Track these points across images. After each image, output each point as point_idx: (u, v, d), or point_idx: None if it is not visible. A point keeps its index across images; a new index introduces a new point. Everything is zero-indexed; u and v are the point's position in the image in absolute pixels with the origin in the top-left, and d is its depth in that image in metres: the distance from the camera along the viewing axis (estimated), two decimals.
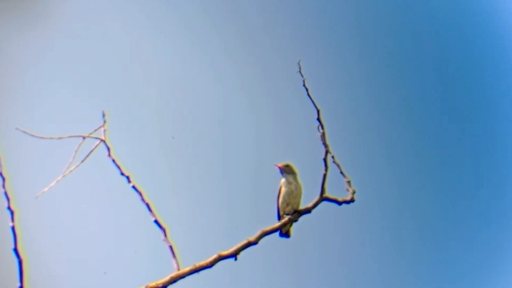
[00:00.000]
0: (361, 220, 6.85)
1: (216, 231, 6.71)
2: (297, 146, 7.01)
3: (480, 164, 7.32)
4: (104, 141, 5.59)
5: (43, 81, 6.88)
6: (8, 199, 4.74)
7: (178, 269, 5.31)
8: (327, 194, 5.72)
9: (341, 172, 5.76)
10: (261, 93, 7.33)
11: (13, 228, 4.74)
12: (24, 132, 5.52)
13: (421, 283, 6.92)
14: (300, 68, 5.69)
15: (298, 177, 5.92)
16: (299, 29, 7.50)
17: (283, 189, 5.87)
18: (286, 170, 5.91)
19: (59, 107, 6.79)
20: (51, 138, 5.57)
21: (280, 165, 5.91)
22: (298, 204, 5.84)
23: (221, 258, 5.39)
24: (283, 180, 5.91)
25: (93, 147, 5.59)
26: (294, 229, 5.97)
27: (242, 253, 5.47)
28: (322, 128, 5.71)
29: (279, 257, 6.61)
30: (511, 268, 7.06)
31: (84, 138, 5.58)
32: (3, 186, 4.73)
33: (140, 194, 5.51)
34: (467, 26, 7.61)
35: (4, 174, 4.74)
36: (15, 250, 4.74)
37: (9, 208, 4.75)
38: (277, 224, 5.77)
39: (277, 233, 5.82)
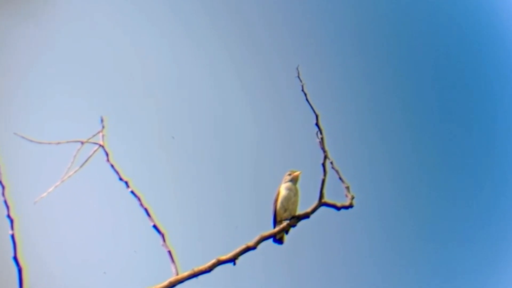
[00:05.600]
0: (360, 225, 6.86)
1: (215, 236, 6.72)
2: (295, 150, 7.02)
3: (480, 167, 7.34)
4: (102, 146, 5.58)
5: (41, 87, 6.86)
6: (7, 207, 4.74)
7: (177, 274, 5.30)
8: (326, 199, 5.71)
9: (340, 178, 5.73)
10: (261, 97, 7.34)
11: (12, 236, 4.74)
12: (22, 137, 5.50)
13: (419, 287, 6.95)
14: (298, 73, 5.68)
15: (298, 184, 5.92)
16: (299, 33, 7.49)
17: (282, 194, 5.85)
18: (295, 178, 5.91)
19: (57, 112, 6.78)
20: (50, 143, 5.55)
21: (297, 173, 5.91)
22: (295, 210, 5.83)
23: (219, 262, 5.39)
24: (282, 185, 5.91)
25: (92, 152, 5.58)
26: (292, 233, 5.97)
27: (240, 258, 5.48)
28: (321, 133, 5.68)
29: (277, 262, 6.63)
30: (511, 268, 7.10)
31: (82, 143, 5.56)
32: (3, 195, 4.73)
33: (139, 199, 5.49)
34: (467, 26, 7.62)
35: (4, 183, 4.74)
36: (15, 259, 4.74)
37: (8, 216, 4.75)
38: (276, 229, 5.78)
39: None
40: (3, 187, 4.74)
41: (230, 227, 6.71)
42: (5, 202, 4.73)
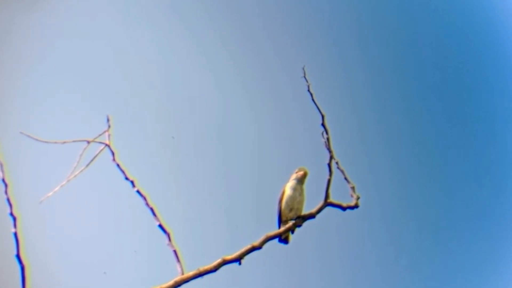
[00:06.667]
0: (365, 225, 6.84)
1: (220, 235, 6.72)
2: (301, 150, 7.00)
3: (483, 168, 7.30)
4: (108, 146, 5.58)
5: (47, 86, 6.90)
6: (10, 205, 4.75)
7: (182, 273, 5.29)
8: (332, 199, 5.69)
9: (346, 178, 5.71)
10: (266, 97, 7.34)
11: (15, 234, 4.75)
12: (28, 136, 5.52)
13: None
14: (304, 73, 5.66)
15: (304, 183, 5.90)
16: (305, 33, 7.49)
17: (287, 194, 5.83)
18: (300, 177, 5.89)
19: (64, 111, 6.81)
20: (56, 143, 5.57)
21: (301, 173, 5.88)
22: (301, 210, 5.81)
23: (225, 262, 5.38)
24: (287, 184, 5.88)
25: (98, 151, 5.59)
26: (298, 233, 5.95)
27: (246, 258, 5.46)
28: (327, 133, 5.66)
29: (283, 262, 6.62)
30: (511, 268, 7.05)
31: (88, 142, 5.57)
32: (6, 193, 4.74)
33: (145, 198, 5.48)
34: (466, 26, 7.59)
35: (7, 180, 4.75)
36: (18, 257, 4.75)
37: (11, 214, 4.76)
38: (281, 229, 5.77)
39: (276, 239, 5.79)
40: (6, 185, 4.75)
41: (236, 227, 6.71)
42: (8, 200, 4.75)
